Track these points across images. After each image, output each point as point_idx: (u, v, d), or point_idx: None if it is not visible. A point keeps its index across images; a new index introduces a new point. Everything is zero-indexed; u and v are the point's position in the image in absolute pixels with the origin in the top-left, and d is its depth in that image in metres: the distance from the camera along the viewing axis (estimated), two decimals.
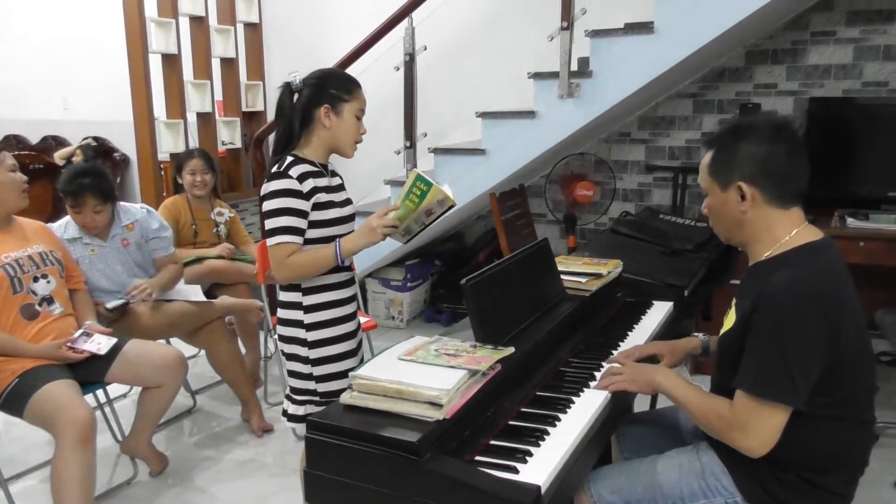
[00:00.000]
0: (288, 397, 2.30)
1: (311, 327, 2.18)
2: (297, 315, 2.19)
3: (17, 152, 6.11)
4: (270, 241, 2.09)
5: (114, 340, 2.80)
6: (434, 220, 2.09)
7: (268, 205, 2.08)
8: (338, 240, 2.11)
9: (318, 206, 2.11)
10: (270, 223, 2.08)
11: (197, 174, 3.89)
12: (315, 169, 2.13)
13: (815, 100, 4.20)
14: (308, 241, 2.12)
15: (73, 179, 3.08)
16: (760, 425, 1.58)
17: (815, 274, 1.61)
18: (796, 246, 1.69)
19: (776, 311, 1.57)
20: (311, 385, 2.21)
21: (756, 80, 4.49)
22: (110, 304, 3.12)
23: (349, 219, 2.25)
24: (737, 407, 1.62)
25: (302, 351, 2.19)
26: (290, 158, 2.11)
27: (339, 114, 2.14)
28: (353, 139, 2.19)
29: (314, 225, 2.12)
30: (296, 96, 2.15)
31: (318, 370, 2.20)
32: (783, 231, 1.71)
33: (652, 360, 2.18)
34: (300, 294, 2.18)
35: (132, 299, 3.14)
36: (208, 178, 3.92)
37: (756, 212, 1.71)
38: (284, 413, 2.30)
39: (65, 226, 3.17)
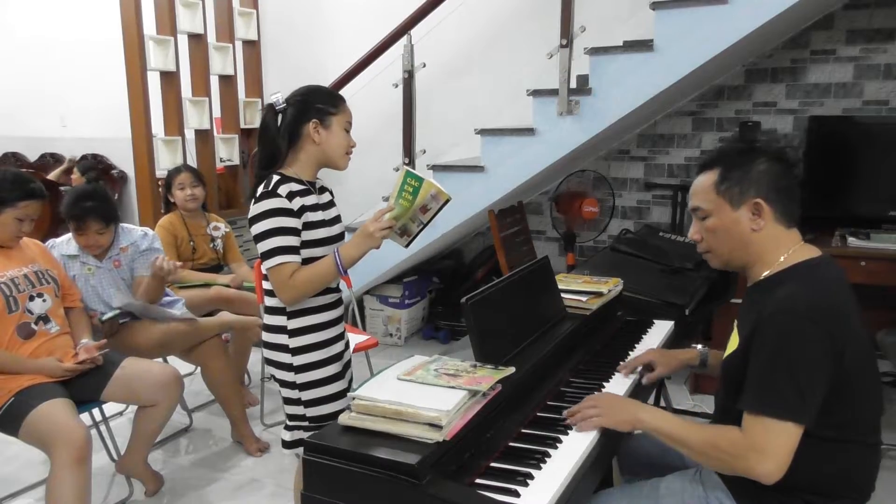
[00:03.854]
0: (285, 425, 2.26)
1: (296, 351, 2.14)
2: (281, 339, 2.14)
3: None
4: (269, 264, 2.03)
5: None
6: (432, 218, 2.08)
7: (259, 226, 2.03)
8: (336, 249, 2.07)
9: (305, 226, 2.08)
10: (265, 245, 2.03)
11: (186, 188, 3.89)
12: (302, 187, 2.10)
13: (815, 118, 4.20)
14: None
15: (77, 203, 3.08)
16: (776, 446, 1.52)
17: (814, 289, 1.60)
18: (794, 264, 1.69)
19: (778, 329, 1.55)
20: (300, 410, 2.17)
21: (755, 98, 4.49)
22: (105, 317, 3.12)
23: (338, 237, 2.21)
24: (749, 430, 1.56)
25: (288, 376, 2.15)
26: (276, 177, 2.06)
27: (328, 127, 2.11)
28: (344, 150, 2.16)
29: (302, 245, 2.08)
30: (279, 117, 2.12)
31: (306, 395, 2.15)
32: (783, 250, 1.71)
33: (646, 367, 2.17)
34: (285, 318, 2.13)
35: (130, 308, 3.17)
36: (198, 191, 3.92)
37: (765, 230, 1.70)
38: (282, 441, 2.29)
39: (66, 242, 3.20)
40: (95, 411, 3.06)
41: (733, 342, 1.76)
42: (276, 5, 5.74)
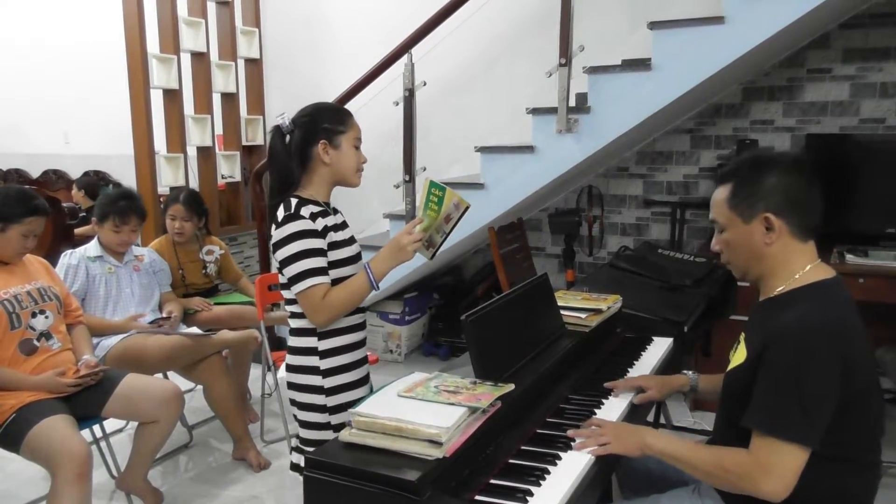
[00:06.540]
0: (298, 449, 2.18)
1: (328, 373, 2.09)
2: (312, 361, 2.09)
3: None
4: (299, 287, 1.99)
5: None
6: (453, 227, 2.05)
7: (287, 250, 1.99)
8: (366, 264, 2.04)
9: (330, 246, 2.05)
10: (294, 268, 1.99)
11: (177, 220, 3.83)
12: (321, 208, 2.07)
13: (812, 136, 4.23)
14: None
15: (117, 202, 3.38)
16: (783, 467, 1.53)
17: (827, 311, 1.61)
18: (809, 283, 1.69)
19: (791, 350, 1.56)
20: (328, 435, 2.06)
21: (753, 117, 4.52)
22: (149, 320, 3.38)
23: (356, 258, 2.16)
24: (756, 450, 1.56)
25: (318, 399, 2.09)
26: (295, 200, 2.03)
27: (338, 147, 2.08)
28: (356, 168, 2.13)
29: (329, 265, 2.04)
30: (287, 138, 2.08)
31: (337, 418, 2.09)
32: (799, 266, 1.71)
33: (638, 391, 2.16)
34: (315, 339, 2.08)
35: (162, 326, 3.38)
36: (188, 226, 3.84)
37: (779, 244, 1.70)
38: (296, 468, 2.18)
39: (85, 248, 3.39)
40: (96, 428, 3.07)
41: (740, 355, 1.75)
42: (277, 24, 5.79)
